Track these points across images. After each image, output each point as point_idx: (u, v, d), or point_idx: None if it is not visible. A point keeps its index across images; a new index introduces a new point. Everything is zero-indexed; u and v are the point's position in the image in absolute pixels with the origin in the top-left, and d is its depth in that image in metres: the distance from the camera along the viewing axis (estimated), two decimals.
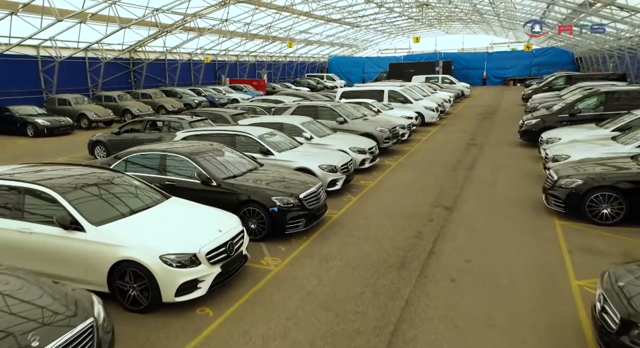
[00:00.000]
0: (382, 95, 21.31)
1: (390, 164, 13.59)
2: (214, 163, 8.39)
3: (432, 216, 8.83)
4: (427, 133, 19.32)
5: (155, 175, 8.25)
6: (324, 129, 13.46)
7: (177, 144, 9.19)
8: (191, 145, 9.00)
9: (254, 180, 8.08)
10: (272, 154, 10.44)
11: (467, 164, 13.18)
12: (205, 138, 11.04)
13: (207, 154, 8.52)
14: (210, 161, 8.38)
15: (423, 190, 10.62)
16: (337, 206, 9.57)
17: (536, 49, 48.64)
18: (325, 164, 10.22)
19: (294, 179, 8.48)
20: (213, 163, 8.34)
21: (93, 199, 6.00)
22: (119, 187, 6.48)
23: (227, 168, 8.42)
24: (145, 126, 14.27)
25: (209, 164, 8.21)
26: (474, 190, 10.46)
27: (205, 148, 8.87)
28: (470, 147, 15.81)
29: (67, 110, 21.85)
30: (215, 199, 7.77)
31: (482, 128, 19.97)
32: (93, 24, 24.12)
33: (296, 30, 41.13)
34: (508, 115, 23.98)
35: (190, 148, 8.66)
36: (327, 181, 10.14)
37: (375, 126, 14.80)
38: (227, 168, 8.40)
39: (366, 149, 12.44)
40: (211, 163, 8.30)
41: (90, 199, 5.96)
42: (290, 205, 7.62)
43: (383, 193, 10.51)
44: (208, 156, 8.48)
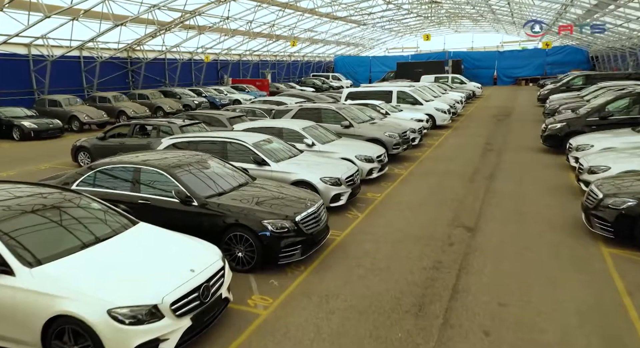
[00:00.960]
0: (391, 96, 20.03)
1: (401, 173, 12.30)
2: (197, 177, 7.16)
3: (451, 239, 7.55)
4: (438, 136, 18.01)
5: (128, 192, 7.04)
6: (328, 134, 12.21)
7: (157, 155, 7.96)
8: (171, 156, 7.77)
9: (243, 198, 6.84)
10: (267, 164, 9.21)
11: (486, 173, 11.87)
12: (193, 146, 9.87)
13: (188, 167, 7.29)
14: (193, 175, 7.15)
15: (439, 205, 9.33)
16: (341, 225, 8.31)
17: (549, 48, 47.03)
18: (327, 177, 8.97)
19: (290, 196, 7.23)
20: (195, 178, 7.11)
21: (32, 232, 4.77)
22: (71, 213, 5.26)
23: (213, 183, 7.18)
24: (133, 131, 13.08)
25: (190, 179, 6.98)
26: (497, 206, 9.15)
27: (187, 159, 7.64)
28: (487, 153, 14.48)
29: (57, 112, 20.74)
30: (197, 223, 6.57)
31: (498, 132, 18.61)
32: (86, 21, 23.00)
33: (301, 28, 39.88)
34: (524, 117, 22.59)
35: (169, 160, 7.43)
36: (330, 195, 8.90)
37: (384, 130, 13.52)
38: (213, 184, 7.16)
39: (374, 158, 11.17)
40: (193, 178, 7.07)
41: (28, 231, 4.74)
42: (284, 230, 6.37)
43: (393, 209, 9.23)
44: (190, 170, 7.25)
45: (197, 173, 7.30)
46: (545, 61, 45.81)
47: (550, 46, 33.21)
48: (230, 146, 9.62)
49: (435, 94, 22.76)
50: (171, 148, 10.02)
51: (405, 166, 13.03)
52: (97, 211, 5.48)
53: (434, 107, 19.91)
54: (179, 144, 10.03)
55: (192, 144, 9.92)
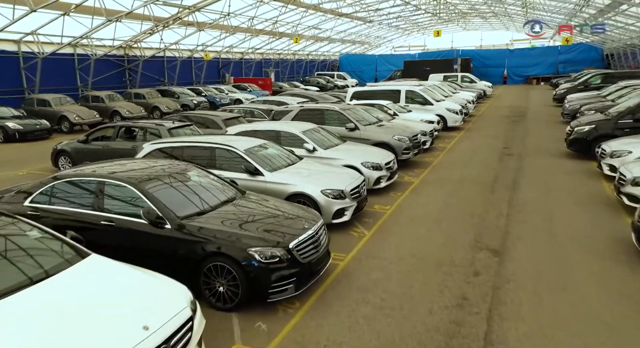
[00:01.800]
0: (399, 96, 18.80)
1: (411, 180, 11.11)
2: (173, 193, 6.01)
3: (476, 265, 6.35)
4: (450, 139, 16.78)
5: (89, 210, 5.88)
6: (331, 138, 11.03)
7: (130, 164, 6.81)
8: (146, 166, 6.61)
9: (227, 219, 5.67)
10: (261, 174, 8.05)
11: (508, 182, 10.65)
12: (178, 152, 8.75)
13: (164, 180, 6.13)
14: (168, 190, 6.00)
15: (457, 222, 8.12)
16: (345, 246, 7.14)
17: (562, 46, 45.57)
18: (330, 189, 7.79)
19: (284, 215, 6.06)
20: (171, 194, 5.95)
21: None
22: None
23: (193, 200, 6.03)
24: (118, 133, 11.95)
25: (165, 195, 5.82)
26: (525, 224, 7.93)
27: (164, 170, 6.48)
28: (505, 158, 13.24)
29: (46, 112, 19.69)
30: (170, 250, 5.43)
31: (515, 134, 17.35)
32: (78, 16, 21.91)
33: (305, 25, 38.68)
34: (540, 118, 21.30)
35: (141, 171, 6.28)
36: (333, 211, 7.73)
37: (393, 133, 12.31)
38: (193, 200, 6.00)
39: (382, 165, 9.98)
40: (169, 194, 5.91)
41: None
42: (275, 260, 5.21)
43: (405, 226, 8.04)
44: (166, 183, 6.10)
45: (174, 187, 6.14)
46: (557, 59, 44.36)
47: (570, 41, 31.81)
48: (220, 152, 8.48)
49: (445, 94, 21.51)
50: (155, 154, 8.92)
51: (416, 173, 11.83)
52: (33, 241, 4.33)
53: (445, 107, 18.67)
54: (162, 150, 8.90)
55: (177, 151, 8.79)
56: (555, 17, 38.60)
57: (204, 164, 8.41)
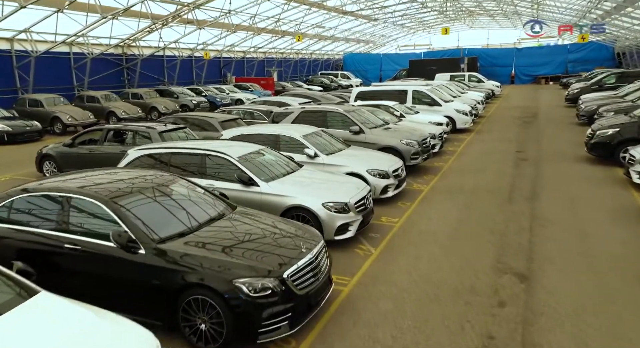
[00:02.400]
0: (405, 96, 17.94)
1: (421, 188, 10.27)
2: (151, 210, 5.19)
3: (500, 294, 5.50)
4: (460, 142, 15.92)
5: (53, 231, 5.07)
6: (334, 142, 10.21)
7: (106, 176, 5.99)
8: (122, 178, 5.80)
9: (211, 242, 4.85)
10: (255, 184, 7.23)
11: (526, 191, 9.78)
12: (165, 159, 7.94)
13: (140, 195, 5.32)
14: (144, 207, 5.18)
15: (474, 238, 7.28)
16: (349, 267, 6.32)
17: (572, 44, 44.58)
18: (332, 202, 6.96)
19: (278, 235, 5.24)
20: (149, 212, 5.13)
21: None
22: None
23: (173, 218, 5.21)
24: (106, 137, 11.16)
25: (139, 214, 4.99)
26: (552, 241, 7.06)
27: (143, 183, 5.67)
28: (521, 163, 12.37)
29: (39, 112, 18.95)
30: (143, 280, 4.63)
31: (528, 136, 16.46)
32: (73, 13, 21.16)
33: (308, 23, 37.83)
34: (553, 119, 20.38)
35: (116, 184, 5.47)
36: (336, 226, 6.91)
37: (400, 137, 11.47)
38: (173, 219, 5.19)
39: (390, 172, 9.14)
40: (146, 212, 5.09)
41: None
42: (266, 293, 4.39)
43: (416, 243, 7.20)
44: (142, 199, 5.28)
45: (152, 203, 5.33)
46: (566, 58, 43.29)
47: (586, 39, 30.79)
48: (211, 159, 7.67)
49: (453, 94, 20.63)
50: (142, 160, 8.13)
51: (426, 180, 10.98)
52: None
53: (454, 108, 17.80)
54: (148, 156, 8.10)
55: (164, 157, 7.99)
56: (563, 17, 37.73)
57: (193, 172, 7.65)
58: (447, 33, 33.40)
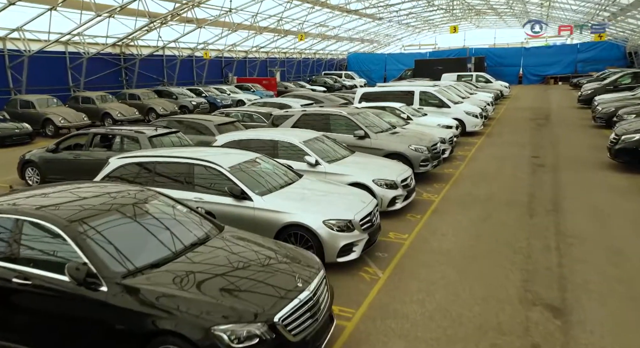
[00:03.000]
0: (412, 97, 17.10)
1: (431, 198, 9.45)
2: (119, 237, 4.39)
3: (533, 333, 4.68)
4: (470, 146, 15.08)
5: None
6: (337, 148, 9.41)
7: (71, 192, 5.20)
8: (88, 196, 4.99)
9: (188, 277, 4.04)
10: (248, 198, 6.43)
11: (547, 202, 8.94)
12: (150, 168, 7.17)
13: (108, 217, 4.52)
14: (111, 233, 4.38)
15: (495, 259, 6.44)
16: (353, 295, 5.52)
17: (581, 44, 43.55)
18: (334, 219, 6.16)
19: (271, 263, 4.44)
20: (115, 239, 4.33)
21: None
22: None
23: (146, 246, 4.43)
24: (92, 141, 10.39)
25: (104, 241, 4.21)
26: (586, 264, 6.22)
27: (112, 200, 4.87)
28: (538, 170, 11.52)
29: (30, 114, 18.23)
30: (104, 323, 3.83)
31: (542, 140, 15.58)
32: (67, 11, 20.43)
33: (311, 22, 37.03)
34: (567, 121, 19.49)
35: (79, 203, 4.69)
36: (338, 247, 6.10)
37: (408, 142, 10.64)
38: (145, 247, 4.41)
39: (398, 182, 8.33)
40: (111, 239, 4.29)
41: None
42: (253, 342, 3.59)
43: (429, 265, 6.37)
44: (109, 222, 4.49)
45: (122, 227, 4.54)
46: (576, 57, 42.25)
47: (604, 37, 29.81)
48: (200, 170, 6.88)
49: (462, 95, 19.78)
50: (125, 169, 7.35)
51: (436, 189, 10.16)
52: None
53: (463, 110, 16.95)
54: (130, 166, 7.32)
55: (149, 167, 7.21)
56: (574, 15, 36.79)
57: (180, 183, 6.87)
58: (455, 31, 32.49)
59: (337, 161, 8.78)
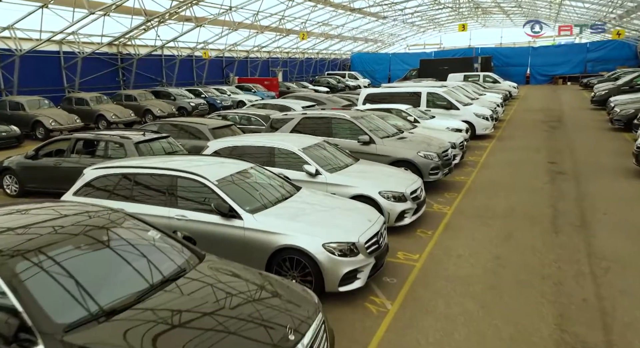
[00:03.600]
0: (419, 98, 16.25)
1: (442, 211, 8.60)
2: (68, 276, 3.56)
3: None
4: (481, 150, 14.21)
5: None
6: (339, 155, 8.58)
7: (22, 218, 4.37)
8: (43, 220, 4.17)
9: (150, 330, 3.21)
10: (238, 217, 5.60)
11: (573, 216, 8.07)
12: (129, 180, 6.36)
13: (58, 251, 3.68)
14: (60, 271, 3.56)
15: (522, 288, 5.59)
16: (358, 335, 4.70)
17: (591, 43, 42.52)
18: (336, 242, 5.32)
19: (257, 307, 3.61)
20: (63, 279, 3.50)
21: None
22: None
23: (103, 285, 3.59)
24: (74, 147, 9.61)
25: (49, 282, 3.39)
26: (626, 295, 5.34)
27: (71, 226, 4.05)
28: (557, 178, 10.64)
29: (20, 116, 17.48)
30: None
31: (558, 144, 14.69)
32: (59, 9, 19.66)
33: (314, 21, 36.21)
34: (582, 124, 18.57)
35: (28, 231, 3.86)
36: (340, 275, 5.27)
37: (417, 148, 9.80)
38: (103, 287, 3.57)
39: (407, 194, 7.49)
40: (59, 279, 3.47)
41: None
42: None
43: (445, 295, 5.52)
44: (60, 256, 3.65)
45: (74, 262, 3.70)
46: (585, 57, 41.21)
47: (622, 35, 28.80)
48: (184, 183, 6.06)
49: (471, 96, 18.91)
50: (102, 182, 6.54)
51: (448, 199, 9.31)
52: None
53: (473, 112, 16.07)
54: (107, 178, 6.51)
55: (128, 178, 6.39)
56: (581, 16, 35.91)
57: (161, 199, 6.05)
58: (464, 30, 31.57)
59: (339, 171, 7.96)
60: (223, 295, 3.73)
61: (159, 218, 5.90)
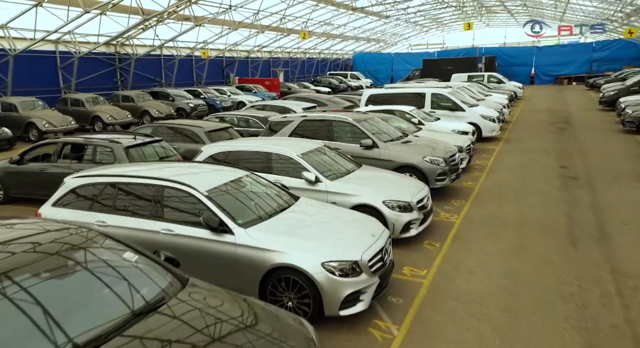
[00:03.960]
0: (423, 99, 15.73)
1: (450, 220, 8.09)
2: (21, 312, 3.06)
3: None
4: (488, 153, 13.68)
5: None
6: (341, 161, 8.08)
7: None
8: (5, 239, 3.67)
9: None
10: (229, 231, 5.10)
11: (591, 226, 7.55)
12: (110, 190, 5.86)
13: (20, 277, 3.19)
14: (18, 302, 3.06)
15: (541, 310, 5.08)
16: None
17: (597, 42, 41.90)
18: (336, 260, 4.82)
19: (248, 330, 3.11)
20: (12, 314, 3.01)
21: None
22: None
23: (66, 320, 3.08)
24: (61, 152, 9.13)
25: (7, 314, 2.89)
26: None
27: (33, 249, 3.54)
28: (570, 184, 10.12)
29: (12, 118, 17.01)
30: None
31: (568, 147, 14.14)
32: (54, 7, 19.18)
33: (315, 20, 35.70)
34: (591, 125, 18.01)
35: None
36: (342, 296, 4.77)
37: (423, 152, 9.27)
38: (65, 323, 3.06)
39: (413, 204, 6.98)
40: (16, 313, 2.97)
41: None
42: None
43: (457, 318, 5.01)
44: (21, 282, 3.16)
45: (34, 291, 3.20)
46: (591, 56, 40.57)
47: (635, 33, 28.14)
48: (171, 193, 5.56)
49: (476, 97, 18.38)
50: (82, 193, 6.05)
51: (455, 207, 8.79)
52: None
53: (479, 114, 15.54)
54: (89, 187, 6.01)
55: (111, 188, 5.89)
56: (585, 16, 35.33)
57: (146, 211, 5.56)
58: (470, 28, 30.94)
59: (341, 178, 7.45)
60: (205, 331, 3.23)
61: (144, 232, 5.43)
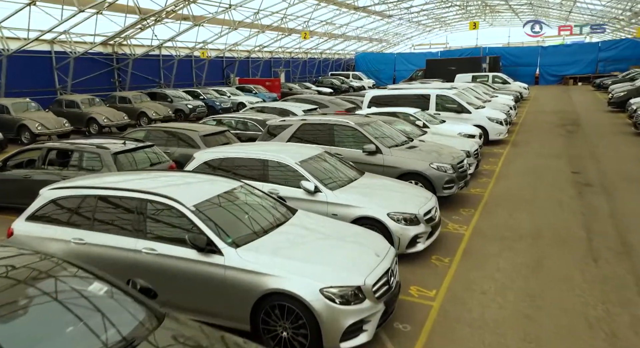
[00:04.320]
0: (428, 101, 15.19)
1: (459, 231, 7.56)
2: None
3: None
4: (495, 157, 13.14)
5: None
6: (343, 168, 7.56)
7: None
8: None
9: None
10: (218, 252, 4.59)
11: (612, 239, 7.01)
12: (90, 203, 5.35)
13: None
14: None
15: (565, 340, 4.55)
16: None
17: (603, 42, 41.27)
18: (336, 286, 4.30)
19: None
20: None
21: None
22: None
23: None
24: (45, 158, 8.62)
25: None
26: None
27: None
28: (584, 191, 9.57)
29: (5, 120, 16.51)
30: None
31: (579, 151, 13.59)
32: (48, 6, 18.71)
33: (317, 20, 35.17)
34: (602, 128, 17.44)
35: None
36: (343, 328, 4.25)
37: (429, 159, 8.74)
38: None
39: (420, 216, 6.45)
40: None
41: None
42: None
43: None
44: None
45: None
46: (597, 56, 39.95)
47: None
48: (155, 207, 5.04)
49: (482, 98, 17.84)
50: (61, 205, 5.54)
51: (464, 217, 8.26)
52: None
53: (486, 116, 15.00)
54: (66, 200, 5.50)
55: (91, 202, 5.38)
56: (591, 16, 34.71)
57: (128, 227, 5.04)
58: (476, 28, 30.32)
59: (342, 187, 6.92)
60: None
61: (124, 251, 4.93)
